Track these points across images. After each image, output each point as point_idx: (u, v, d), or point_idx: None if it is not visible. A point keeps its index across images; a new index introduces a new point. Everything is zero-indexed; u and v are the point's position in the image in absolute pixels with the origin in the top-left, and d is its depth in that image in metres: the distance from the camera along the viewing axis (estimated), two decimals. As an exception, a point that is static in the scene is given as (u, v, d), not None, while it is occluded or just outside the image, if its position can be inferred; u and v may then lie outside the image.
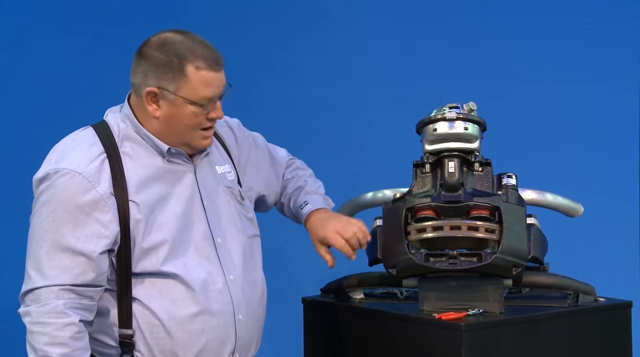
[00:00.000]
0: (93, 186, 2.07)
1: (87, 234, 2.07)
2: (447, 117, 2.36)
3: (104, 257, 2.08)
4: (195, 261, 2.14)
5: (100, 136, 2.15)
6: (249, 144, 2.42)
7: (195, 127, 2.15)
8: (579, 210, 2.54)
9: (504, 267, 2.26)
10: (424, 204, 2.32)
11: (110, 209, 2.08)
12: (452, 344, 2.16)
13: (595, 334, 2.41)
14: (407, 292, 2.54)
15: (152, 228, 2.11)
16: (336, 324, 2.49)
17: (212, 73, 2.11)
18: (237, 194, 2.27)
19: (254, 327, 2.22)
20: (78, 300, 2.07)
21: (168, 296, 2.11)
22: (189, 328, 2.11)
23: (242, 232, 2.24)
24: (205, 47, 2.13)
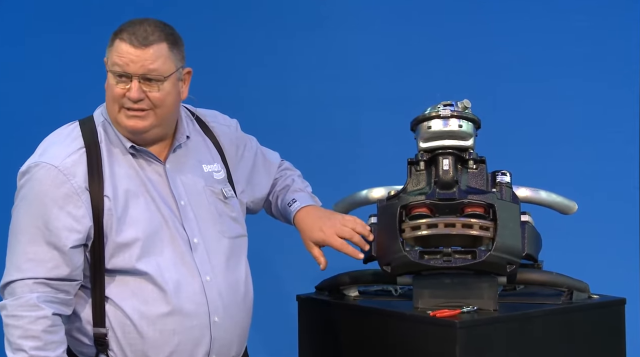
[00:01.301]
0: (68, 179, 2.09)
1: (59, 227, 2.08)
2: (441, 115, 2.36)
3: (76, 252, 2.09)
4: (169, 261, 2.12)
5: (84, 131, 2.16)
6: (244, 145, 2.41)
7: (115, 100, 2.11)
8: (573, 207, 2.55)
9: (498, 265, 2.26)
10: (419, 201, 2.32)
11: (83, 203, 2.09)
12: (446, 342, 2.16)
13: (589, 331, 2.41)
14: (401, 290, 2.54)
15: (125, 224, 2.10)
16: (331, 322, 2.49)
17: (129, 46, 2.08)
18: (218, 193, 2.24)
19: (233, 329, 2.19)
20: (53, 294, 2.08)
21: (140, 295, 2.10)
22: (160, 328, 2.10)
23: (223, 232, 2.21)
24: (142, 25, 2.11)
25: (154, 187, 2.16)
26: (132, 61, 2.08)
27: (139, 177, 2.15)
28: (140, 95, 2.09)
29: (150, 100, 2.11)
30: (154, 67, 2.09)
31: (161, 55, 2.10)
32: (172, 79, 2.13)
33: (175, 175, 2.19)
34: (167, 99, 2.13)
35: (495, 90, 3.40)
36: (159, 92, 2.11)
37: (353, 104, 3.53)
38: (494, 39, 3.47)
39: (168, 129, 2.20)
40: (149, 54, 2.09)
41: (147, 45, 2.09)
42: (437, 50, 3.47)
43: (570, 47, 3.44)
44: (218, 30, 3.51)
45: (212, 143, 2.31)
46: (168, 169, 2.19)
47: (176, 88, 2.15)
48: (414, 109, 2.44)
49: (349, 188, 2.63)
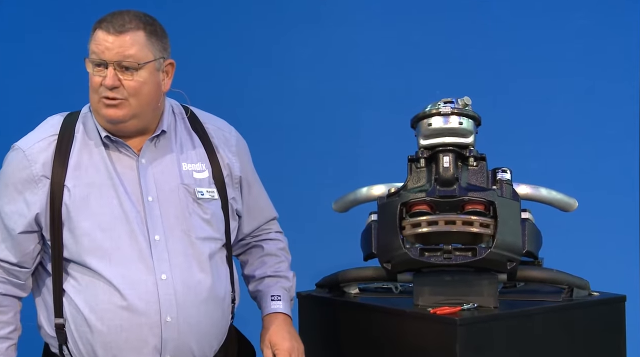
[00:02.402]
0: (30, 164, 2.10)
1: (13, 210, 2.11)
2: (441, 112, 2.35)
3: (25, 238, 2.11)
4: (124, 257, 2.09)
5: (65, 121, 2.18)
6: (249, 167, 2.34)
7: (94, 89, 2.10)
8: (574, 205, 2.54)
9: (499, 262, 2.26)
10: (419, 198, 2.31)
11: (39, 190, 2.10)
12: (446, 339, 2.16)
13: (589, 328, 2.41)
14: (401, 287, 2.54)
15: (81, 216, 2.09)
16: (331, 319, 2.49)
17: (105, 34, 2.07)
18: (192, 192, 2.17)
19: (190, 331, 2.11)
20: (4, 275, 2.13)
21: (92, 288, 2.08)
22: (108, 324, 2.07)
23: (188, 232, 2.14)
24: (122, 14, 2.10)
25: (121, 181, 2.12)
26: (108, 48, 2.07)
27: (107, 170, 2.12)
28: (115, 82, 2.07)
29: (125, 89, 2.08)
30: (129, 54, 2.07)
31: (137, 42, 2.08)
32: (149, 67, 2.10)
33: (148, 170, 2.15)
34: (143, 88, 2.10)
35: (495, 88, 3.40)
36: (134, 80, 2.08)
37: (353, 101, 3.52)
38: (495, 36, 3.47)
39: (148, 121, 2.16)
40: (124, 41, 2.07)
41: (123, 32, 2.07)
42: (437, 47, 3.47)
43: (570, 44, 3.44)
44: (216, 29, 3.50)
45: (201, 143, 2.25)
46: (142, 164, 2.15)
47: (154, 78, 2.12)
48: (414, 107, 2.44)
49: (349, 186, 2.62)
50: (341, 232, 2.49)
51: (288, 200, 2.81)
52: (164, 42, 2.14)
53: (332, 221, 2.63)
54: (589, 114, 3.44)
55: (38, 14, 3.61)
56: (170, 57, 2.17)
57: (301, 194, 3.22)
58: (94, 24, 2.11)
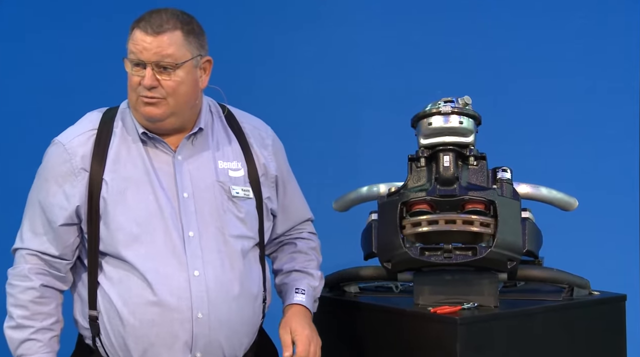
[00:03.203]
0: (70, 158, 2.15)
1: (53, 204, 2.15)
2: (442, 111, 2.36)
3: (66, 230, 2.15)
4: (158, 252, 2.11)
5: (104, 116, 2.21)
6: (285, 167, 2.36)
7: (133, 89, 2.13)
8: (574, 204, 2.55)
9: (499, 261, 2.26)
10: (419, 198, 2.32)
11: (78, 183, 2.13)
12: (447, 338, 2.16)
13: (589, 328, 2.41)
14: (402, 286, 2.54)
15: (117, 210, 2.12)
16: (331, 318, 2.49)
17: (143, 34, 2.10)
18: (228, 190, 2.19)
19: (221, 327, 2.13)
20: (45, 267, 2.16)
21: (125, 282, 2.11)
22: (140, 318, 2.10)
23: (222, 229, 2.16)
24: (159, 14, 2.12)
25: (157, 176, 2.15)
26: (146, 49, 2.09)
27: (145, 165, 2.15)
28: (153, 82, 2.09)
29: (163, 89, 2.11)
30: (166, 54, 2.09)
31: (174, 42, 2.10)
32: (187, 66, 2.12)
33: (184, 167, 2.18)
34: (181, 88, 2.12)
35: (495, 87, 3.41)
36: (172, 80, 2.11)
37: (353, 101, 3.52)
38: (495, 36, 3.48)
39: (186, 119, 2.18)
40: (162, 41, 2.09)
41: (161, 32, 2.09)
42: (437, 47, 3.47)
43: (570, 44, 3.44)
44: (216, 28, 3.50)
45: (237, 141, 2.27)
46: (178, 160, 2.18)
47: (192, 76, 2.14)
48: (414, 106, 2.44)
49: (349, 185, 2.62)
50: (341, 231, 2.49)
51: None
52: (201, 40, 2.17)
53: (333, 220, 2.63)
54: (589, 114, 3.45)
55: (38, 14, 3.61)
56: (208, 54, 2.19)
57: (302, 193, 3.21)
58: (132, 23, 2.13)
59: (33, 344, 2.13)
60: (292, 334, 2.21)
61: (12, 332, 2.15)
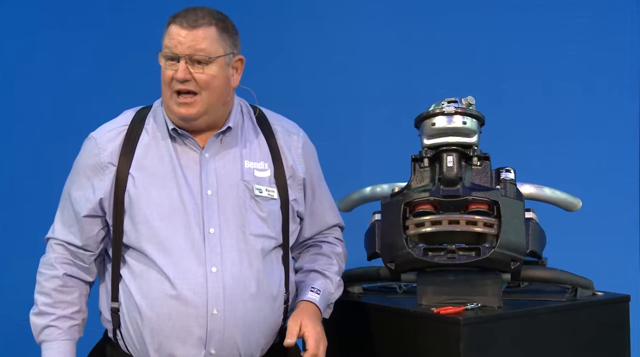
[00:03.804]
0: (99, 152, 2.21)
1: (81, 196, 2.22)
2: (445, 112, 2.37)
3: (89, 222, 2.21)
4: (178, 247, 2.14)
5: (137, 112, 2.27)
6: (315, 171, 2.37)
7: (166, 84, 2.17)
8: (577, 204, 2.55)
9: (503, 262, 2.27)
10: (423, 198, 2.32)
11: (105, 177, 2.19)
12: (450, 338, 2.17)
13: (593, 328, 2.41)
14: (405, 287, 2.55)
15: (141, 203, 2.17)
16: (335, 319, 2.47)
17: (178, 28, 2.15)
18: (252, 190, 2.21)
19: (236, 325, 2.14)
20: (70, 257, 2.24)
21: (145, 276, 2.15)
22: (157, 311, 2.13)
23: (243, 227, 2.19)
24: (195, 10, 2.17)
25: (183, 173, 2.19)
26: (180, 42, 2.14)
27: (172, 161, 2.19)
28: (186, 75, 2.13)
29: (196, 82, 2.14)
30: (200, 47, 2.13)
31: (208, 37, 2.15)
32: (219, 62, 2.16)
33: (210, 165, 2.21)
34: (214, 82, 2.16)
35: (499, 87, 3.40)
36: (205, 74, 2.15)
37: (357, 101, 3.52)
38: (498, 36, 3.47)
39: (217, 116, 2.22)
40: (197, 35, 2.14)
41: (196, 27, 2.14)
42: (441, 47, 3.47)
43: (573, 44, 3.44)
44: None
45: (266, 142, 2.29)
46: (205, 158, 2.21)
47: (224, 73, 2.18)
48: (417, 106, 2.45)
49: (353, 185, 2.64)
50: (345, 231, 2.49)
51: None
52: (234, 39, 2.21)
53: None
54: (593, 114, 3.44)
55: (38, 14, 3.62)
56: (240, 54, 2.23)
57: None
58: (168, 19, 2.18)
59: (53, 331, 2.20)
60: (301, 328, 2.21)
61: (35, 319, 2.22)
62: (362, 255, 2.45)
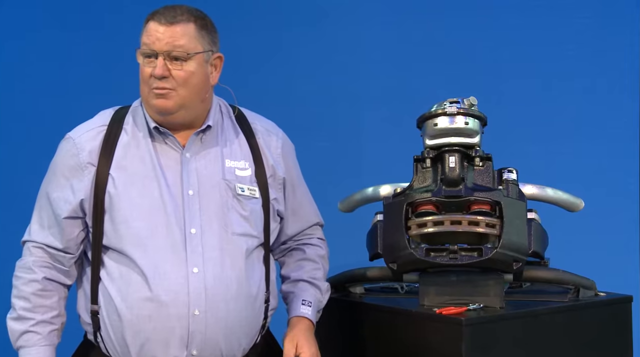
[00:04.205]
0: (78, 152, 2.18)
1: (60, 196, 2.19)
2: (447, 112, 2.37)
3: (70, 224, 2.18)
4: (158, 247, 2.13)
5: (116, 112, 2.26)
6: (295, 170, 2.37)
7: (144, 81, 2.16)
8: (580, 205, 2.55)
9: (505, 262, 2.28)
10: (425, 198, 2.33)
11: (85, 177, 2.17)
12: (452, 339, 2.17)
13: (595, 329, 2.42)
14: (407, 287, 2.55)
15: (121, 204, 2.15)
16: (336, 319, 2.50)
17: (157, 24, 2.14)
18: (234, 189, 2.21)
19: (218, 325, 2.14)
20: (49, 260, 2.21)
21: (125, 277, 2.13)
22: (137, 313, 2.11)
23: (226, 227, 2.18)
24: (174, 7, 2.16)
25: (163, 173, 2.17)
26: (158, 39, 2.13)
27: (152, 161, 2.18)
28: (164, 72, 2.12)
29: (174, 79, 2.14)
30: (179, 44, 2.13)
31: (187, 33, 2.14)
32: (198, 59, 2.16)
33: (191, 164, 2.20)
34: (192, 79, 2.15)
35: (501, 88, 3.40)
36: (184, 70, 2.14)
37: (358, 101, 3.52)
38: (500, 36, 3.47)
39: (196, 113, 2.21)
40: (175, 31, 2.13)
41: (174, 23, 2.14)
42: (442, 47, 3.47)
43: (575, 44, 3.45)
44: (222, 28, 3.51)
45: (247, 142, 2.29)
46: (186, 157, 2.20)
47: (203, 69, 2.17)
48: (419, 106, 2.45)
49: (354, 186, 2.64)
50: (347, 232, 2.50)
51: None
52: (213, 36, 2.21)
53: (338, 221, 2.64)
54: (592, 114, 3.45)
55: (38, 14, 3.62)
56: (219, 52, 2.22)
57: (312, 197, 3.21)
58: (146, 16, 2.17)
59: (32, 336, 2.17)
60: (298, 348, 2.23)
61: (13, 324, 2.19)
62: (364, 255, 2.46)
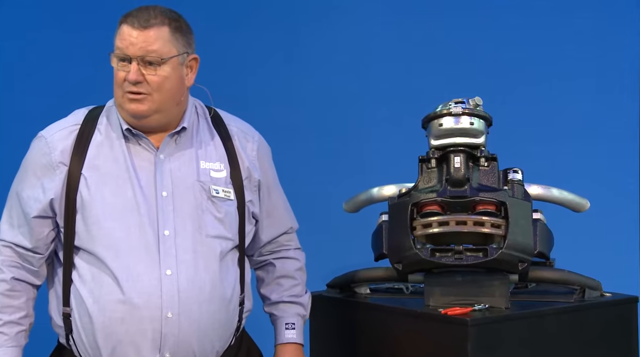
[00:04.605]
0: (50, 151, 2.16)
1: (30, 195, 2.17)
2: (452, 112, 2.38)
3: (39, 223, 2.16)
4: (131, 249, 2.11)
5: (89, 111, 2.24)
6: (270, 173, 2.37)
7: (118, 84, 2.14)
8: (585, 205, 2.56)
9: (510, 262, 2.28)
10: (430, 199, 2.34)
11: (56, 177, 2.15)
12: (457, 339, 2.18)
13: (601, 329, 2.43)
14: (413, 288, 2.56)
15: (93, 204, 2.13)
16: (342, 319, 2.51)
17: (130, 28, 2.11)
18: (208, 190, 2.20)
19: (191, 328, 2.13)
20: (18, 260, 2.19)
21: (97, 279, 2.12)
22: (109, 315, 2.10)
23: (200, 229, 2.17)
24: (147, 10, 2.14)
25: (136, 174, 2.16)
26: (132, 43, 2.11)
27: (125, 162, 2.16)
28: (138, 77, 2.11)
29: (149, 84, 2.12)
30: (152, 49, 2.11)
31: (161, 37, 2.12)
32: (172, 63, 2.14)
33: (165, 166, 2.18)
34: (166, 83, 2.13)
35: (506, 88, 3.42)
36: (158, 75, 2.12)
37: (363, 101, 3.53)
38: (505, 37, 3.49)
39: (171, 116, 2.19)
40: (149, 36, 2.11)
41: (148, 27, 2.11)
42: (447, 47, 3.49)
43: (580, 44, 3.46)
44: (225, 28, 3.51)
45: (222, 143, 2.28)
46: (160, 159, 2.18)
47: (177, 73, 2.15)
48: (424, 107, 2.46)
49: (360, 186, 2.64)
50: (352, 232, 2.51)
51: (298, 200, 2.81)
52: (188, 38, 2.18)
53: (343, 221, 2.65)
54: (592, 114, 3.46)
55: (38, 14, 3.64)
56: (195, 53, 2.21)
57: (312, 194, 3.21)
58: (120, 18, 2.15)
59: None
60: None
61: None
62: (370, 256, 2.47)
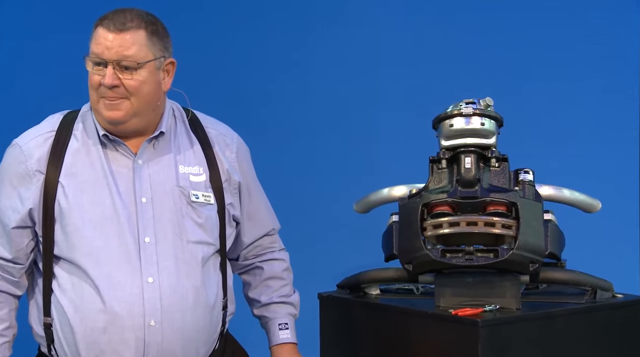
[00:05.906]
0: (26, 159, 2.17)
1: (7, 206, 2.18)
2: (463, 113, 2.40)
3: (19, 233, 2.17)
4: (111, 257, 2.12)
5: (64, 117, 2.24)
6: (250, 174, 2.39)
7: (94, 88, 2.14)
8: (597, 206, 2.58)
9: (521, 263, 2.31)
10: (440, 199, 2.36)
11: (33, 185, 2.15)
12: (468, 340, 2.21)
13: (612, 330, 2.45)
14: (423, 288, 2.58)
15: (72, 212, 2.14)
16: (352, 320, 2.54)
17: (105, 31, 2.11)
18: (187, 195, 2.21)
19: (175, 336, 2.15)
20: None
21: (78, 288, 2.13)
22: (92, 325, 2.11)
23: (180, 235, 2.18)
24: (124, 12, 2.14)
25: (115, 180, 2.16)
26: (107, 47, 2.11)
27: (103, 168, 2.17)
28: (114, 81, 2.11)
29: (125, 88, 2.12)
30: (128, 54, 2.11)
31: (137, 41, 2.12)
32: (149, 67, 2.14)
33: (144, 171, 2.19)
34: (143, 88, 2.14)
35: (517, 88, 3.42)
36: (134, 79, 2.12)
37: (374, 102, 3.54)
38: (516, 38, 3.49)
39: (148, 121, 2.20)
40: (125, 39, 2.11)
41: (124, 30, 2.11)
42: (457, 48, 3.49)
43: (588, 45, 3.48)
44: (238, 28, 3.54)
45: (200, 146, 2.29)
46: (138, 164, 2.19)
47: (154, 77, 2.16)
48: (435, 107, 2.49)
49: (370, 186, 2.67)
50: (362, 233, 2.54)
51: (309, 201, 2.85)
52: (165, 42, 2.19)
53: (353, 221, 2.67)
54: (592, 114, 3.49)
55: (38, 14, 3.67)
56: (172, 57, 2.22)
57: (322, 195, 3.23)
58: (95, 20, 2.15)
59: None
60: None
61: None
62: (380, 256, 2.50)
